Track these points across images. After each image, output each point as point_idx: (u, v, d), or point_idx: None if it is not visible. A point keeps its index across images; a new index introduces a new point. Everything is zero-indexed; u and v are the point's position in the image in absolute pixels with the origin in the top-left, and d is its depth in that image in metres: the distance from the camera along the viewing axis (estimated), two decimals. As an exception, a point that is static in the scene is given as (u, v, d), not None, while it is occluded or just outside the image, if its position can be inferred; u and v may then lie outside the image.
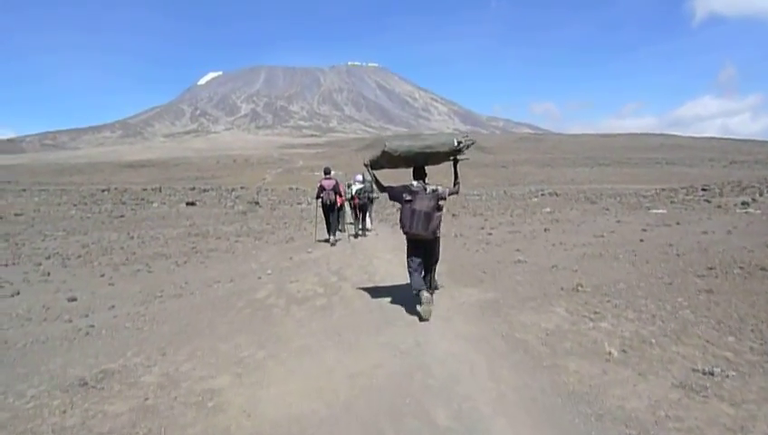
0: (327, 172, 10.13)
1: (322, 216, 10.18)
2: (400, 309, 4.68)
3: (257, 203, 27.85)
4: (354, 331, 4.11)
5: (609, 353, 3.27)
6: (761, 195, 15.50)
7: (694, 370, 2.95)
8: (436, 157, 4.74)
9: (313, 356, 3.60)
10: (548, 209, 15.88)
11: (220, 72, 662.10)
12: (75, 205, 24.99)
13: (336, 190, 9.86)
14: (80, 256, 9.40)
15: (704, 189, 20.79)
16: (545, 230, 10.11)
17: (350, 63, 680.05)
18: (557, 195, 29.54)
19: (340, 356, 3.56)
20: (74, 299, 5.94)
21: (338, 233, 10.50)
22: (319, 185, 9.94)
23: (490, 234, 10.14)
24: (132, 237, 12.12)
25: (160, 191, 40.59)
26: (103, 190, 40.33)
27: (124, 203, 28.35)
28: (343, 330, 4.16)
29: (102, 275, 7.50)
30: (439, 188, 4.61)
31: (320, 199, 9.88)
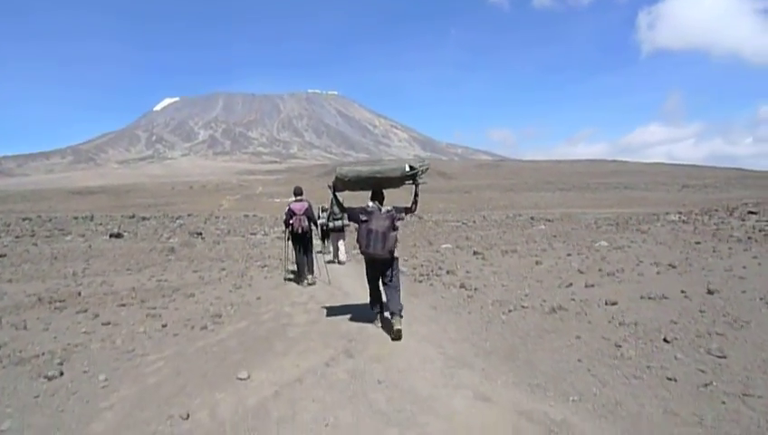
0: (298, 193, 8.04)
1: (292, 249, 8.28)
2: None
3: (200, 234, 22.32)
4: None
5: None
6: None
7: None
8: (389, 181, 4.85)
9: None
10: (604, 243, 11.14)
11: (177, 98, 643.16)
12: (-28, 239, 19.57)
13: (309, 215, 7.95)
14: None
15: (730, 213, 17.10)
16: (710, 293, 5.25)
17: (309, 91, 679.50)
18: (549, 220, 25.69)
19: None
20: None
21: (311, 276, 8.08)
22: (287, 209, 7.97)
23: (614, 303, 5.15)
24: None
25: (91, 220, 35.46)
26: (24, 219, 35.07)
27: (33, 234, 22.55)
28: None
29: None
30: (394, 208, 4.71)
31: (289, 227, 7.92)
